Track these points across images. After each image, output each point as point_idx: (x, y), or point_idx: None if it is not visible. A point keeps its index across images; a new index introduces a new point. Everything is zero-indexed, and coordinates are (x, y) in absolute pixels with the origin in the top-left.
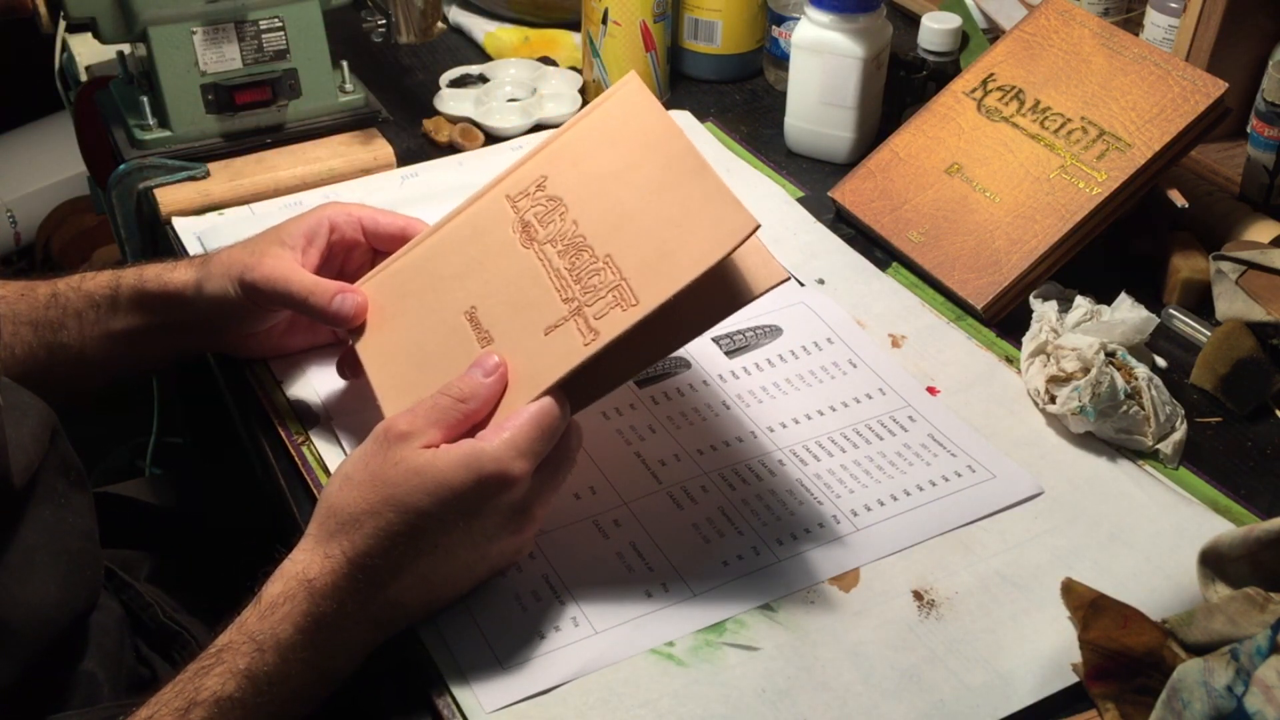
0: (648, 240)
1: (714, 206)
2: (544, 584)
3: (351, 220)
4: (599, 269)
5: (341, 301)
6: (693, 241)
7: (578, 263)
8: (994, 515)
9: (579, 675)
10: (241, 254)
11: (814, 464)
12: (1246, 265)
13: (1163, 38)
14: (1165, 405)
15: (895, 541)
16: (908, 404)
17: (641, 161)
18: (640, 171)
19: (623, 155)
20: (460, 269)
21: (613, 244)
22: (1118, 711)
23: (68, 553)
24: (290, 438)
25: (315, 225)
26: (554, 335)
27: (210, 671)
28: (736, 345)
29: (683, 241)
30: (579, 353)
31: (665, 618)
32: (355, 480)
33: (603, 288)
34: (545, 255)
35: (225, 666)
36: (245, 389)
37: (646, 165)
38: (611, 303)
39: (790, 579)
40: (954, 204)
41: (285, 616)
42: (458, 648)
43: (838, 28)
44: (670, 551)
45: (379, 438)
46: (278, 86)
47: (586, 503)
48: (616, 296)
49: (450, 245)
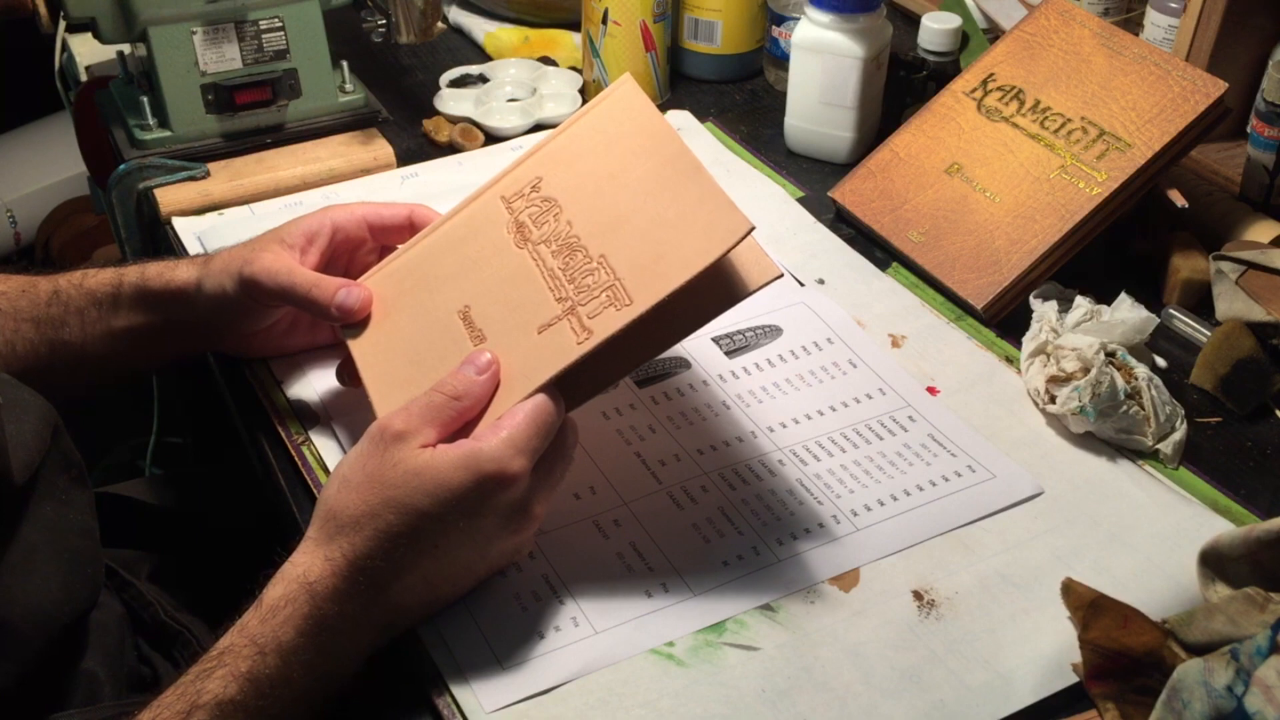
0: (642, 241)
1: (708, 208)
2: (544, 584)
3: (355, 218)
4: (593, 269)
5: (346, 294)
6: (687, 243)
7: (571, 263)
8: (994, 515)
9: (579, 675)
10: (242, 251)
11: (814, 464)
12: (1246, 265)
13: (1163, 38)
14: (1165, 405)
15: (895, 541)
16: (908, 404)
17: (636, 163)
18: (635, 173)
19: (617, 157)
20: (454, 269)
21: (607, 244)
22: (1118, 711)
23: (69, 550)
24: (290, 438)
25: (317, 226)
26: (547, 334)
27: (212, 674)
28: (736, 345)
29: (677, 243)
30: (572, 351)
31: (665, 618)
32: (353, 482)
33: (596, 288)
34: (539, 255)
35: (227, 669)
36: (245, 389)
37: (641, 167)
38: (605, 302)
39: (790, 579)
40: (954, 204)
41: (287, 619)
42: (458, 648)
43: (838, 28)
44: (670, 551)
45: (374, 438)
46: (278, 86)
47: (586, 502)
48: (610, 296)
49: (445, 246)
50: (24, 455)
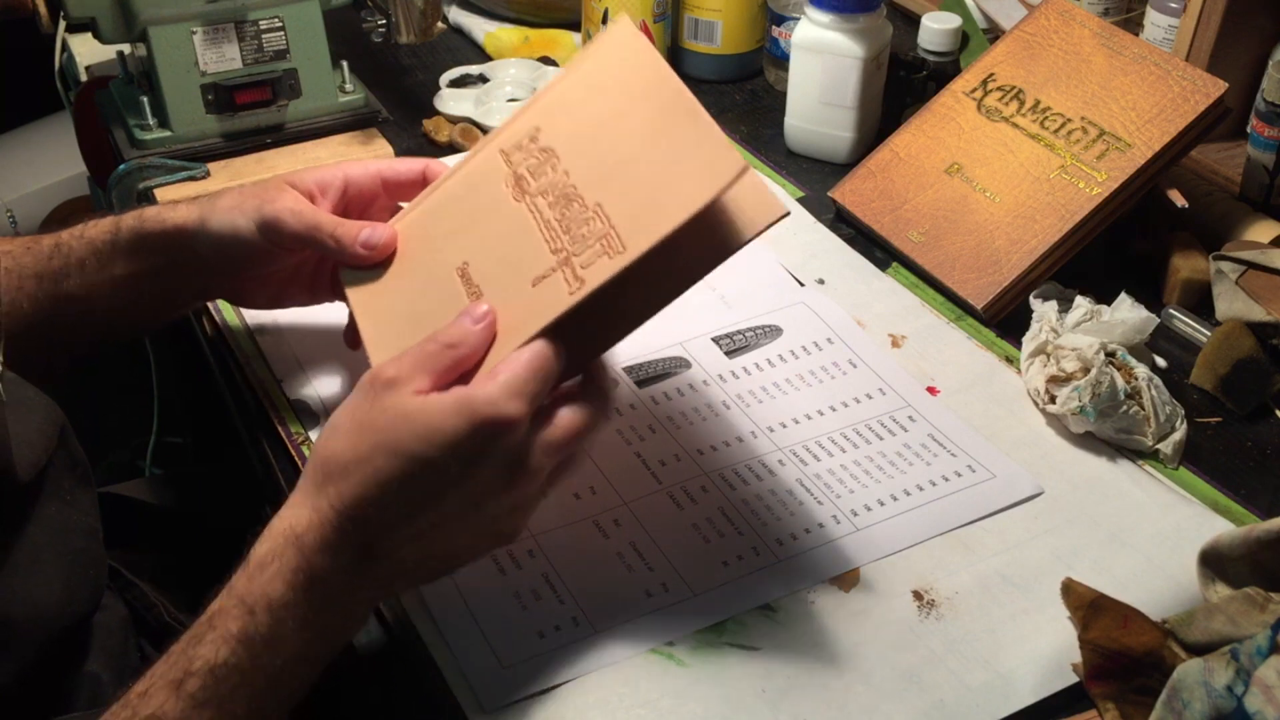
0: (637, 187)
1: (704, 150)
2: (544, 583)
3: (369, 173)
4: (589, 219)
5: (372, 232)
6: (680, 186)
7: (568, 213)
8: (994, 515)
9: (579, 675)
10: (253, 191)
11: (814, 464)
12: (1246, 265)
13: (1163, 38)
14: (1165, 405)
15: (895, 541)
16: (908, 404)
17: (633, 108)
18: (632, 118)
19: (614, 102)
20: (454, 227)
21: (603, 193)
22: (1118, 711)
23: (72, 551)
24: (290, 438)
25: (329, 177)
26: (541, 286)
27: (203, 639)
28: (736, 345)
29: (670, 187)
30: (564, 301)
31: (665, 617)
32: (342, 430)
33: (591, 237)
34: (537, 207)
35: (217, 633)
36: (245, 389)
37: (638, 111)
38: (599, 251)
39: (790, 579)
40: (954, 204)
41: (275, 574)
42: (458, 647)
43: (838, 28)
44: (670, 551)
45: (365, 387)
46: (278, 86)
47: (586, 502)
48: (604, 245)
49: (445, 203)
50: (29, 454)
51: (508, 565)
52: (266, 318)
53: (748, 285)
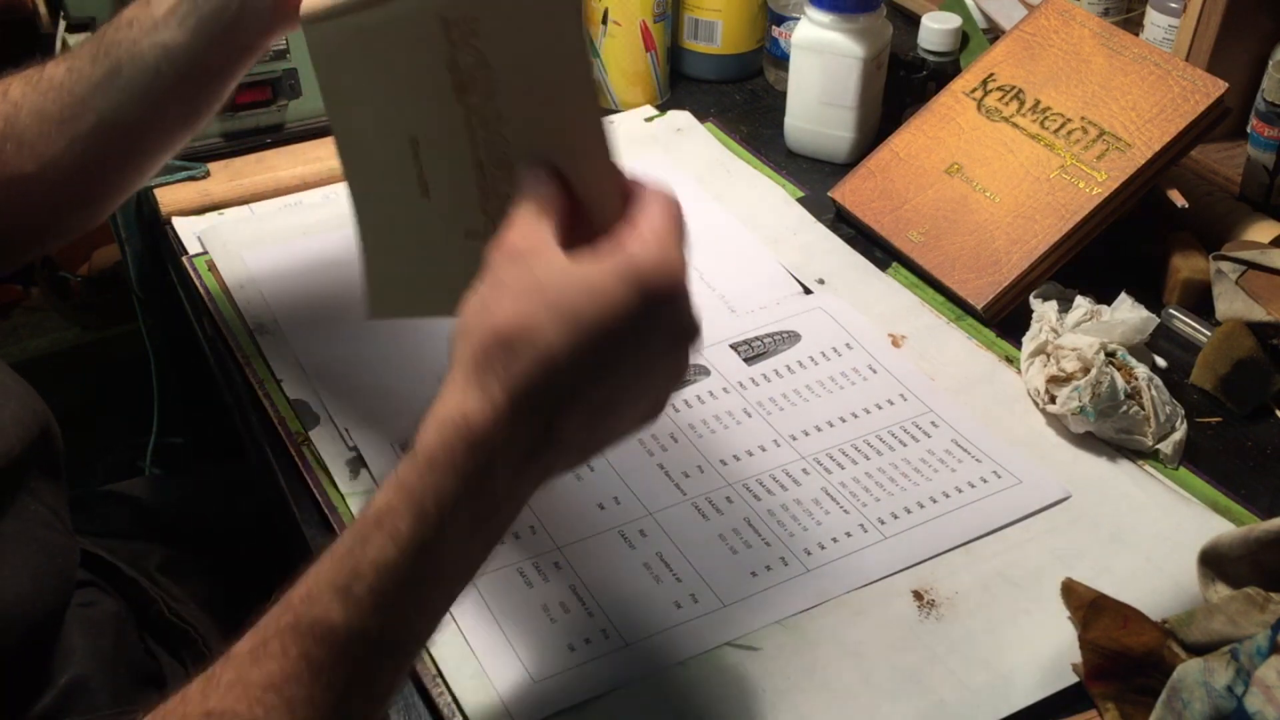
0: None
1: None
2: (572, 595)
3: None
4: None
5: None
6: None
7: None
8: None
9: (611, 689)
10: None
11: (838, 472)
12: (1246, 265)
13: (1163, 38)
14: (1165, 405)
15: (924, 549)
16: (930, 409)
17: None
18: None
19: None
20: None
21: None
22: (1118, 711)
23: (37, 541)
24: (290, 438)
25: None
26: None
27: (369, 540)
28: (755, 351)
29: None
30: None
31: (695, 629)
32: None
33: None
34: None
35: (384, 532)
36: (245, 389)
37: None
38: None
39: (820, 589)
40: (954, 204)
41: (447, 468)
42: (486, 660)
43: (838, 28)
44: (698, 562)
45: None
46: (278, 86)
47: (611, 513)
48: None
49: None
50: (1, 443)
51: (534, 577)
52: (267, 318)
53: (748, 285)
